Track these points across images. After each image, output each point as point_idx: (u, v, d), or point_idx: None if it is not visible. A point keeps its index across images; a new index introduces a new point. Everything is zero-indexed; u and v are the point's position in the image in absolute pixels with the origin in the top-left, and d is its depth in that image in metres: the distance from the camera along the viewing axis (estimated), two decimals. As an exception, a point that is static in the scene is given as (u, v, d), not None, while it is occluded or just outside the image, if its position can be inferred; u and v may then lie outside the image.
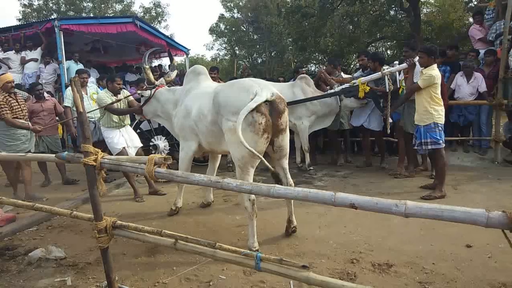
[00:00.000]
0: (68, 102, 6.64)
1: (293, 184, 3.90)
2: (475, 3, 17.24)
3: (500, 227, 1.64)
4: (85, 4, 25.32)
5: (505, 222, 1.61)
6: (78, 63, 10.02)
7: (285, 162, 3.85)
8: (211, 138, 4.04)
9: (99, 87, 7.50)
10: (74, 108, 6.22)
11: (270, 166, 3.20)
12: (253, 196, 3.48)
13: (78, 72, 6.80)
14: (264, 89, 3.51)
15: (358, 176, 6.37)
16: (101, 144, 6.95)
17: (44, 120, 6.17)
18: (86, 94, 6.71)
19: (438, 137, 4.93)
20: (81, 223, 4.28)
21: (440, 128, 4.94)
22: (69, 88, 6.57)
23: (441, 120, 4.96)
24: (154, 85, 5.04)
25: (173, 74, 5.29)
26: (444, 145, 5.05)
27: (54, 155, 2.88)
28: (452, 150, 7.28)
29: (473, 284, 2.82)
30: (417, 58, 5.26)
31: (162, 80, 5.11)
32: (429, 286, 2.81)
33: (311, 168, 6.69)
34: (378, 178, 6.16)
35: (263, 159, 3.25)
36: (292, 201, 3.81)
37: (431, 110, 4.91)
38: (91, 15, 23.52)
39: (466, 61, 7.08)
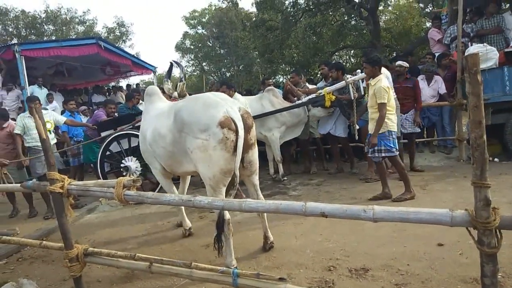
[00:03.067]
0: (18, 130, 6.11)
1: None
2: (430, 9, 18.03)
3: (464, 225, 1.70)
4: (46, 27, 24.75)
5: (468, 220, 1.68)
6: (43, 87, 9.79)
7: (256, 178, 3.73)
8: (170, 160, 3.82)
9: (65, 111, 7.31)
10: (27, 136, 6.07)
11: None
12: (228, 216, 3.32)
13: (28, 100, 6.39)
14: (232, 104, 3.46)
15: (331, 183, 6.45)
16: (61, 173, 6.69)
17: (4, 151, 5.90)
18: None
19: (392, 145, 5.02)
20: (53, 252, 4.15)
21: (393, 136, 5.05)
22: (21, 115, 6.31)
23: (395, 128, 5.08)
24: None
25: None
26: (397, 152, 5.14)
27: (19, 184, 2.80)
28: (419, 151, 7.51)
29: (447, 282, 2.89)
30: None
31: (175, 93, 4.87)
32: (405, 287, 2.87)
33: (285, 178, 6.75)
34: (350, 183, 6.26)
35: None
36: (266, 216, 3.78)
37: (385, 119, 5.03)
38: (53, 38, 23.04)
39: (426, 65, 7.36)
